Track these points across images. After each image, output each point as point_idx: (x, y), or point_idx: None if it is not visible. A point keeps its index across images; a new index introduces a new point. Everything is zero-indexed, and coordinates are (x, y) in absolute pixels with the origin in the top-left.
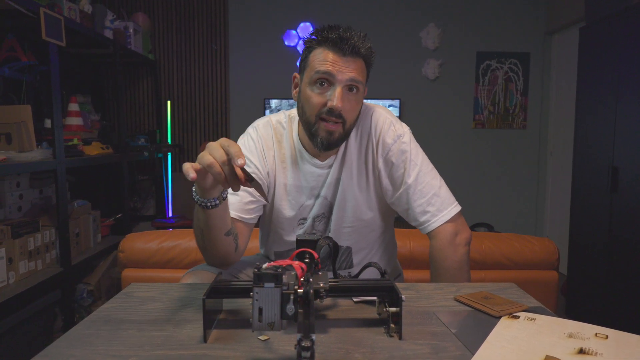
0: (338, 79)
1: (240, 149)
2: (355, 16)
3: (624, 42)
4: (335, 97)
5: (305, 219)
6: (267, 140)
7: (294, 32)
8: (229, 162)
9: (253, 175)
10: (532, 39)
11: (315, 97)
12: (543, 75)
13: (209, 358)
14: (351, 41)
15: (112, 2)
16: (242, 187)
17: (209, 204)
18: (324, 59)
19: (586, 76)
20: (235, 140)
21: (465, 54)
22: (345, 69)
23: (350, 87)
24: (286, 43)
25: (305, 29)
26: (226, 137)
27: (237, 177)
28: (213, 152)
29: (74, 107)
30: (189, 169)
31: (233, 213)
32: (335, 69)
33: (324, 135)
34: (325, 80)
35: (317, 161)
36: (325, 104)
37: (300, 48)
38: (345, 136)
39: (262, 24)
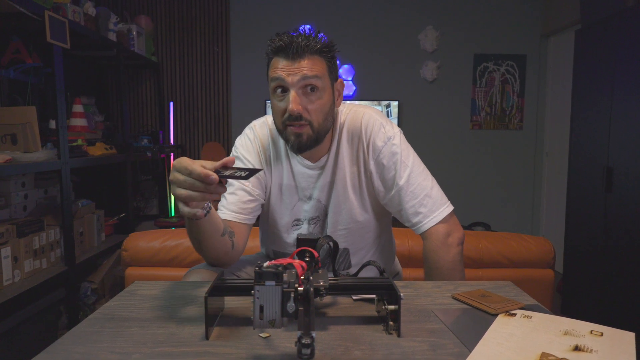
0: (289, 83)
1: (198, 167)
2: (355, 18)
3: (618, 44)
4: (290, 102)
5: (299, 219)
6: (264, 140)
7: None
8: (199, 181)
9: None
10: (529, 41)
11: (277, 105)
12: (539, 77)
13: (210, 355)
14: (294, 44)
15: (116, 5)
16: (241, 187)
17: (198, 215)
18: (275, 67)
19: (581, 78)
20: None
21: (463, 56)
22: (295, 71)
23: (307, 87)
24: None
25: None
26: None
27: (216, 186)
28: (181, 185)
29: (78, 108)
30: (195, 214)
31: (231, 214)
32: (285, 74)
33: (293, 139)
34: (281, 87)
35: (308, 162)
36: (286, 110)
37: None
38: (317, 136)
39: (264, 26)
